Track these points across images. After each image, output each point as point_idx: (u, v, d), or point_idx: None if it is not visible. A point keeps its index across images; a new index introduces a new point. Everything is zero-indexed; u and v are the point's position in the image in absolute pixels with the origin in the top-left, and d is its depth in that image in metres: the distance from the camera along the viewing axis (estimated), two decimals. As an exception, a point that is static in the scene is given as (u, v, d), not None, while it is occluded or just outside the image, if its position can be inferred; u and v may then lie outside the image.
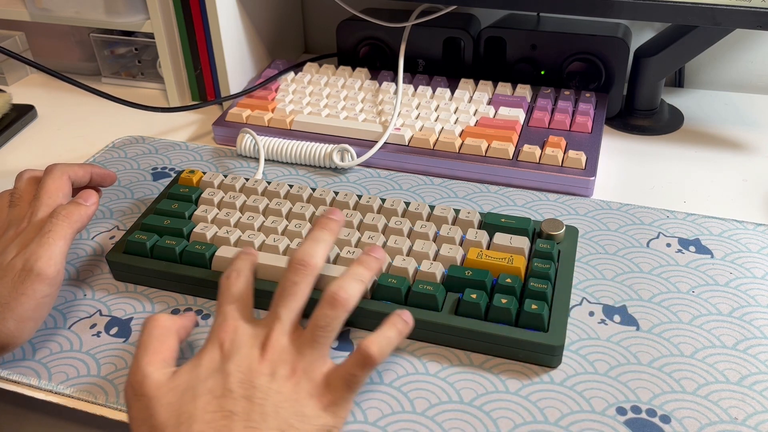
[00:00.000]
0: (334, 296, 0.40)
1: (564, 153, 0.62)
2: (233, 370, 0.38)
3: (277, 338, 0.40)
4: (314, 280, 0.43)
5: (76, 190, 0.53)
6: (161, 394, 0.38)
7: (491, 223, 0.52)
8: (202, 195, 0.57)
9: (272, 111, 0.71)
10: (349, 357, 0.40)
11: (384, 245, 0.51)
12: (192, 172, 0.60)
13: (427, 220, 0.54)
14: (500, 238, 0.51)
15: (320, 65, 0.77)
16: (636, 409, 0.41)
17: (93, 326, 0.48)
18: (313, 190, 0.57)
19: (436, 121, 0.67)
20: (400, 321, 0.42)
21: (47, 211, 0.48)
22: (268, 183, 0.58)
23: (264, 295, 0.47)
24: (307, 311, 0.42)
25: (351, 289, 0.41)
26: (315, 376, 0.39)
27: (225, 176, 0.59)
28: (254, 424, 0.36)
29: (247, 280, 0.44)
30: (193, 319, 0.45)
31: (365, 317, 0.47)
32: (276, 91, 0.74)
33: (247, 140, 0.67)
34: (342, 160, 0.65)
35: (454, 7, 0.71)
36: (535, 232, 0.53)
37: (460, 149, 0.64)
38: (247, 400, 0.37)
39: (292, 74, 0.76)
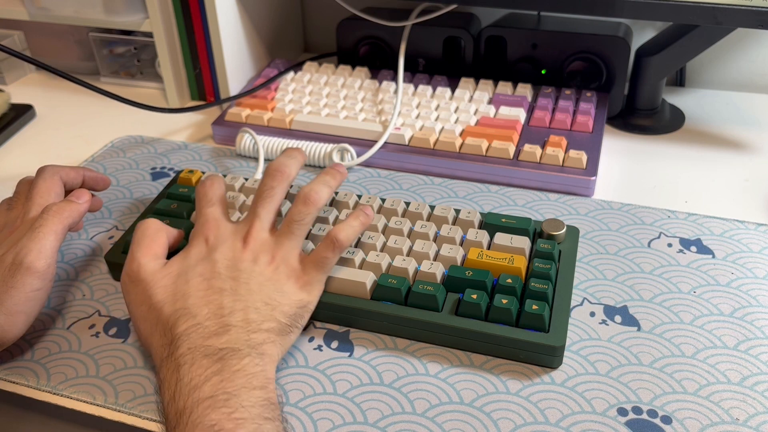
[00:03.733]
0: (307, 195, 0.47)
1: (565, 153, 0.62)
2: (219, 258, 0.44)
3: (257, 233, 0.46)
4: (288, 187, 0.49)
5: (69, 192, 0.53)
6: (157, 279, 0.43)
7: (492, 223, 0.52)
8: (202, 195, 0.56)
9: (272, 110, 0.70)
10: (320, 243, 0.46)
11: (384, 245, 0.50)
12: (191, 171, 0.59)
13: (428, 220, 0.53)
14: (501, 238, 0.50)
15: (320, 65, 0.77)
16: (637, 410, 0.41)
17: (92, 327, 0.48)
18: (313, 189, 0.57)
19: (436, 120, 0.67)
20: (363, 214, 0.48)
21: (39, 210, 0.48)
22: (268, 183, 0.58)
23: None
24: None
25: (321, 190, 0.48)
26: (291, 262, 0.45)
27: (224, 176, 0.59)
28: (241, 297, 0.42)
29: (222, 186, 0.50)
30: (181, 232, 0.49)
31: (366, 318, 0.46)
32: (275, 90, 0.74)
33: (246, 140, 0.67)
34: (342, 159, 0.65)
35: (455, 6, 0.71)
36: (535, 232, 0.53)
37: (460, 149, 0.64)
38: (233, 279, 0.43)
39: (291, 74, 0.76)
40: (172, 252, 0.48)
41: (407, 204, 0.55)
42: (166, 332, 0.41)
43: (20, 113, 0.76)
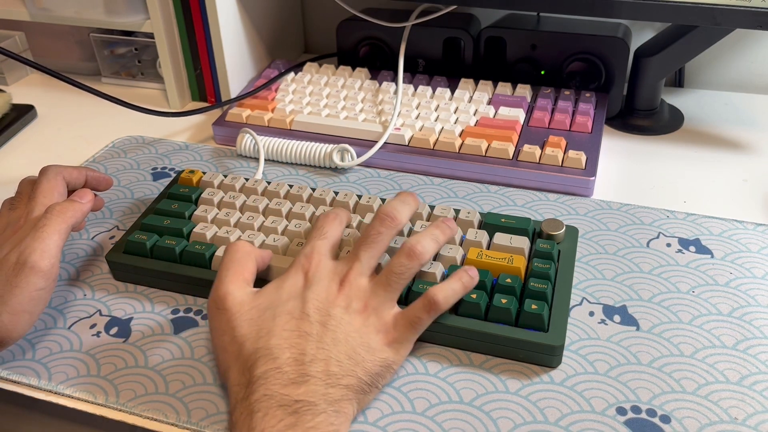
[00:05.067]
0: (412, 248, 0.44)
1: (564, 153, 0.62)
2: (311, 298, 0.42)
3: (355, 277, 0.44)
4: (396, 234, 0.46)
5: (72, 193, 0.53)
6: (244, 310, 0.42)
7: (491, 223, 0.52)
8: (202, 195, 0.57)
9: (272, 111, 0.71)
10: (416, 302, 0.43)
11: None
12: (192, 172, 0.60)
13: (427, 220, 0.54)
14: (500, 238, 0.50)
15: (320, 65, 0.77)
16: (636, 409, 0.41)
17: (93, 326, 0.48)
18: (313, 190, 0.57)
19: (436, 121, 0.67)
20: (466, 276, 0.45)
21: (42, 210, 0.48)
22: (268, 183, 0.58)
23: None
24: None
25: (427, 244, 0.45)
26: (383, 315, 0.43)
27: (225, 176, 0.59)
28: (326, 346, 0.40)
29: (342, 225, 0.49)
30: (269, 253, 0.49)
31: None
32: (276, 91, 0.74)
33: (247, 140, 0.67)
34: (342, 160, 0.65)
35: (454, 7, 0.71)
36: (535, 232, 0.53)
37: (460, 149, 0.64)
38: (321, 325, 0.41)
39: (292, 74, 0.76)
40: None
41: (407, 204, 0.55)
42: (244, 371, 0.39)
43: (21, 114, 0.77)
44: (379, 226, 0.46)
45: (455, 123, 0.67)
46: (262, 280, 0.47)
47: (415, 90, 0.72)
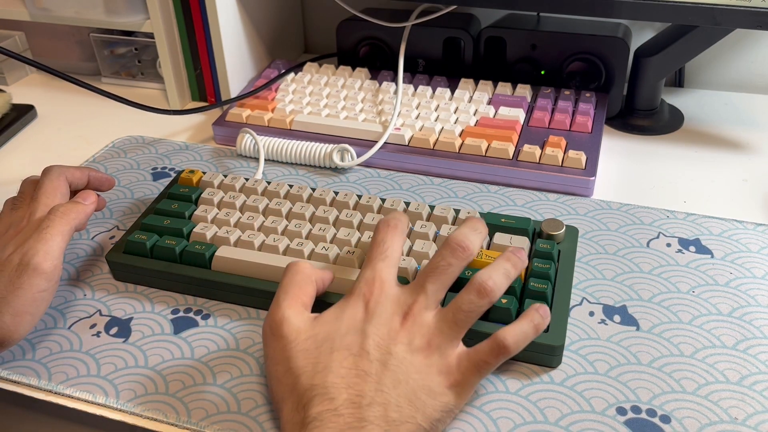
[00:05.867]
0: (483, 284, 0.41)
1: (564, 153, 0.62)
2: (372, 333, 0.40)
3: (419, 311, 0.41)
4: (466, 265, 0.43)
5: (74, 193, 0.53)
6: (300, 339, 0.40)
7: (491, 223, 0.52)
8: (202, 195, 0.57)
9: (272, 111, 0.71)
10: (483, 343, 0.40)
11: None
12: (192, 172, 0.60)
13: (427, 220, 0.54)
14: (500, 238, 0.50)
15: (320, 65, 0.77)
16: (636, 409, 0.41)
17: (93, 326, 0.48)
18: (313, 190, 0.57)
19: (436, 121, 0.67)
20: (537, 316, 0.42)
21: (45, 211, 0.48)
22: (268, 183, 0.58)
23: (262, 294, 0.47)
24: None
25: (499, 280, 0.42)
26: (447, 355, 0.40)
27: (225, 176, 0.59)
28: (385, 388, 0.37)
29: (403, 236, 0.46)
30: (330, 275, 0.46)
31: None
32: (276, 91, 0.74)
33: (247, 140, 0.67)
34: (342, 160, 0.65)
35: (454, 7, 0.71)
36: (535, 232, 0.53)
37: (460, 149, 0.64)
38: (381, 364, 0.38)
39: (292, 74, 0.76)
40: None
41: (407, 204, 0.55)
42: (299, 408, 0.37)
43: (21, 113, 0.77)
44: (450, 256, 0.42)
45: (455, 123, 0.67)
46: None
47: (415, 90, 0.72)
